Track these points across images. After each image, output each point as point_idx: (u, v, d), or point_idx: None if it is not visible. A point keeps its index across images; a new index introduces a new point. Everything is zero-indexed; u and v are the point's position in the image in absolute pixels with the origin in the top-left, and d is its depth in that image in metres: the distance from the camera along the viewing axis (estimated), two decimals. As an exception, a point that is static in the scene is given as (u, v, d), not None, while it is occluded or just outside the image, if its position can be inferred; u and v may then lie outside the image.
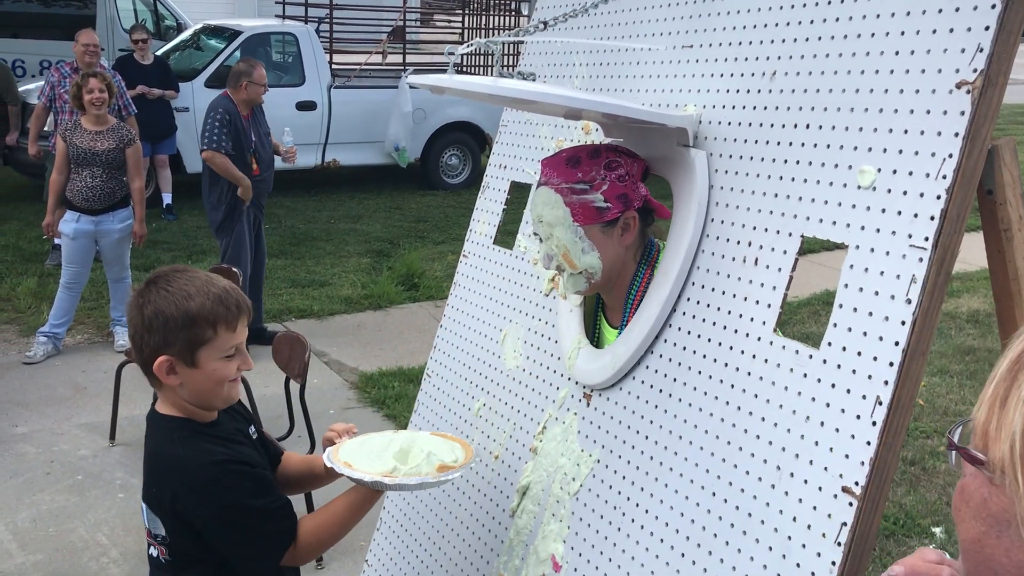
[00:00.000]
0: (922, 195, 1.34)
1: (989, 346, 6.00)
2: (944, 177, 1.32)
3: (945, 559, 1.02)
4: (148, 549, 1.88)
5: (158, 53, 9.23)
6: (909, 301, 1.32)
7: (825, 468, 1.37)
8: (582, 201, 1.75)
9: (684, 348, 1.65)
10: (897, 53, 1.42)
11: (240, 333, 1.76)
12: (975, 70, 1.31)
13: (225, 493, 1.73)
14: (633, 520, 1.67)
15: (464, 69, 12.08)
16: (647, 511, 1.64)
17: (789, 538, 1.40)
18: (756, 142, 1.61)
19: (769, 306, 1.52)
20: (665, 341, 1.70)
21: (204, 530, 1.75)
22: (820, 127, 1.51)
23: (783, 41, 1.61)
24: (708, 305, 1.63)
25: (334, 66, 10.84)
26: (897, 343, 1.32)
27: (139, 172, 5.54)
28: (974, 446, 0.84)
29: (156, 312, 1.70)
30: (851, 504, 1.33)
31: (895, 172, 1.38)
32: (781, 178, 1.55)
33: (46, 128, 7.59)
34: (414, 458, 1.79)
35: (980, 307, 6.84)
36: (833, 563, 1.33)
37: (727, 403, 1.55)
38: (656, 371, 1.70)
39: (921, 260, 1.32)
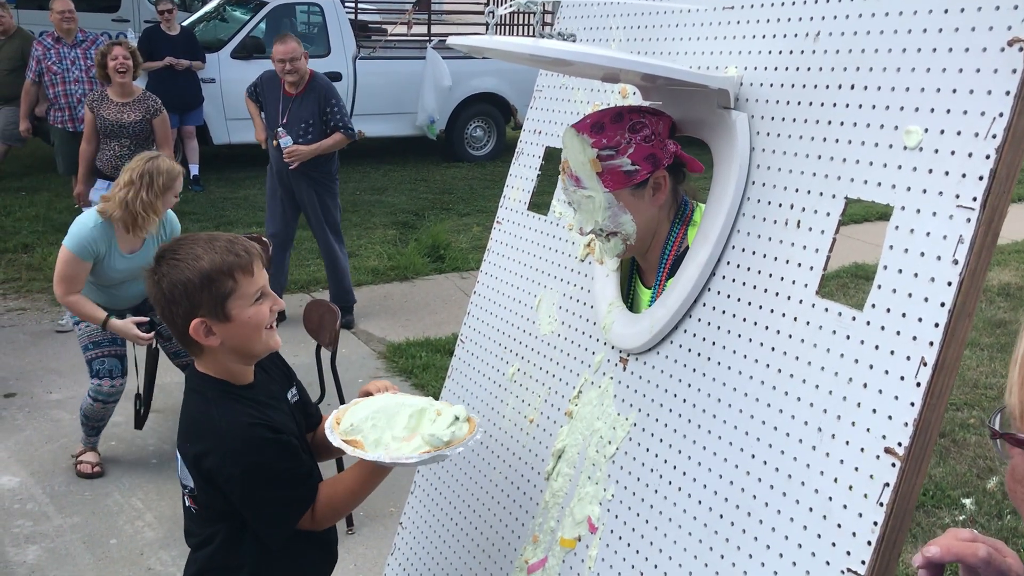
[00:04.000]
0: (970, 155, 1.32)
1: (1021, 319, 5.94)
2: (994, 136, 1.30)
3: (978, 536, 1.01)
4: (183, 498, 1.94)
5: (183, 24, 9.24)
6: (956, 262, 1.31)
7: (868, 429, 1.37)
8: (609, 167, 1.74)
9: (723, 312, 1.65)
10: (946, 11, 1.39)
11: (259, 276, 1.80)
12: (1028, 27, 1.28)
13: (251, 455, 1.77)
14: (670, 483, 1.67)
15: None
16: (684, 473, 1.65)
17: (830, 499, 1.40)
18: (799, 104, 1.60)
19: (811, 268, 1.51)
20: (704, 305, 1.69)
21: (228, 490, 1.79)
22: (865, 87, 1.49)
23: (827, 0, 1.59)
24: (748, 268, 1.62)
25: (359, 37, 10.80)
26: (943, 304, 1.31)
27: (168, 142, 5.56)
28: (1016, 429, 0.84)
29: (173, 283, 1.75)
30: (894, 465, 1.32)
31: (943, 132, 1.36)
32: (824, 140, 1.54)
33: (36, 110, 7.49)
34: (426, 427, 1.80)
35: (1011, 280, 6.78)
36: (875, 523, 1.33)
37: (767, 366, 1.54)
38: (695, 335, 1.70)
39: (969, 220, 1.30)
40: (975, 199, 1.31)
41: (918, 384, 1.32)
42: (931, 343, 1.32)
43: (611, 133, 1.74)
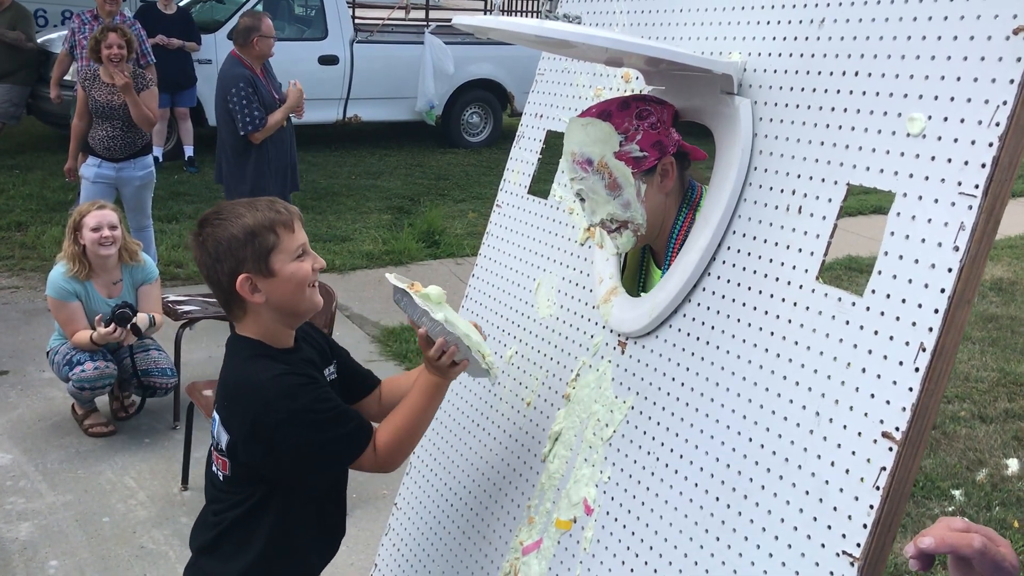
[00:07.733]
0: (973, 142, 1.33)
1: (1012, 314, 5.97)
2: (997, 124, 1.30)
3: (972, 526, 1.01)
4: (211, 466, 1.92)
5: (180, 4, 9.19)
6: (957, 248, 1.32)
7: (865, 414, 1.38)
8: (619, 153, 1.75)
9: (723, 296, 1.66)
10: (952, -1, 1.40)
11: (300, 233, 1.83)
12: (1033, 16, 1.29)
13: (286, 401, 1.77)
14: (667, 465, 1.68)
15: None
16: (681, 456, 1.66)
17: (826, 482, 1.41)
18: (803, 90, 1.60)
19: (812, 254, 1.52)
20: (704, 289, 1.70)
21: (277, 442, 1.77)
22: (869, 74, 1.50)
23: (832, -12, 1.59)
24: (749, 253, 1.63)
25: (357, 20, 10.77)
26: (943, 290, 1.32)
27: (150, 113, 5.44)
28: None
29: (218, 240, 1.78)
30: (891, 449, 1.33)
31: (946, 119, 1.37)
32: (828, 126, 1.54)
33: (68, 77, 7.60)
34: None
35: (1004, 275, 6.81)
36: (871, 507, 1.34)
37: (766, 350, 1.55)
38: (694, 319, 1.71)
39: (971, 208, 1.31)
40: (977, 186, 1.31)
41: (916, 369, 1.33)
42: (930, 329, 1.33)
43: (619, 120, 1.75)
